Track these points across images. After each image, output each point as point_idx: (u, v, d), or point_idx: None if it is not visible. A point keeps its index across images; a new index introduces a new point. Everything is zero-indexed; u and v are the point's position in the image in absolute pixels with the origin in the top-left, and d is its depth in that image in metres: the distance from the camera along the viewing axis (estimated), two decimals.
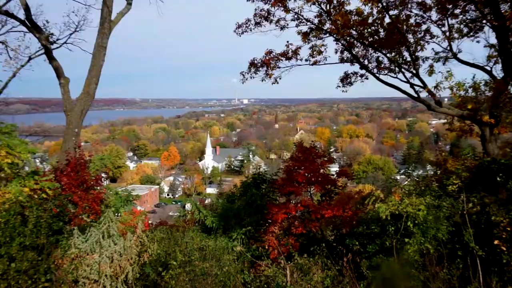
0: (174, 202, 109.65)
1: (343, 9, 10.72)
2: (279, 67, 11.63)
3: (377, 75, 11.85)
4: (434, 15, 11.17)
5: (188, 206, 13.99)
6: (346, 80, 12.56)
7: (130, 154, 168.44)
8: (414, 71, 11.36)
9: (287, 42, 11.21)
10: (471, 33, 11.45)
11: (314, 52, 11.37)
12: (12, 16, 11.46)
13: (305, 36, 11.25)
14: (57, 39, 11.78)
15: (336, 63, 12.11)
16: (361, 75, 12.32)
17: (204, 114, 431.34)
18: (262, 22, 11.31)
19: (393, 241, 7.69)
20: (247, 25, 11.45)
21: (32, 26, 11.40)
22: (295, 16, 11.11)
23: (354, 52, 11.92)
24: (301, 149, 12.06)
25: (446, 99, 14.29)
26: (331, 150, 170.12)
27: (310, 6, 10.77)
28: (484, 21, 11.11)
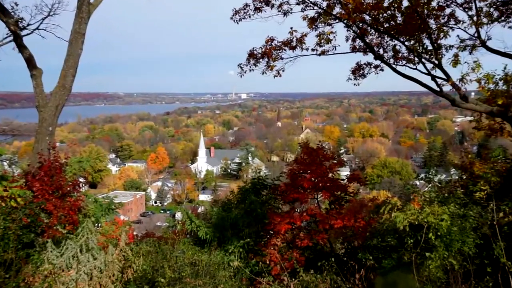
0: (162, 211, 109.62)
1: None
2: (281, 58, 11.59)
3: (394, 66, 11.83)
4: None
5: (178, 215, 13.95)
6: (358, 71, 12.53)
7: (112, 156, 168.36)
8: (436, 62, 11.33)
9: (291, 28, 11.18)
10: (503, 18, 11.40)
11: (322, 41, 11.33)
12: None
13: (311, 22, 11.21)
14: (28, 24, 11.72)
15: (347, 52, 12.08)
16: (376, 66, 12.29)
17: (196, 111, 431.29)
18: (263, 7, 11.28)
19: (412, 255, 7.67)
20: (245, 11, 11.42)
21: None
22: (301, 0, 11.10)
23: (367, 40, 11.89)
24: (307, 150, 12.08)
25: (473, 94, 14.28)
26: (341, 152, 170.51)
27: None
28: None
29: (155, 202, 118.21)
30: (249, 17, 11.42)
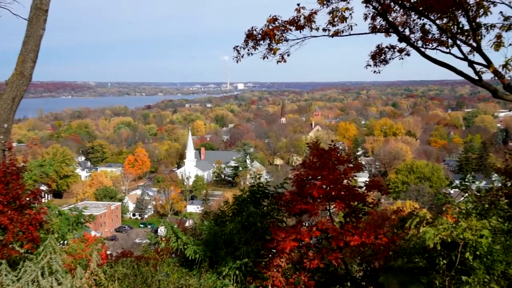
0: (142, 225, 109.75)
1: None
2: (286, 40, 11.57)
3: (423, 49, 11.82)
4: None
5: (161, 230, 13.95)
6: (379, 56, 12.52)
7: (82, 158, 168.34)
8: (475, 44, 11.31)
9: (298, 5, 11.17)
10: None
11: (335, 19, 11.31)
12: None
13: None
14: None
15: (365, 33, 12.05)
16: (400, 50, 12.27)
17: (184, 104, 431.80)
18: None
19: (445, 279, 7.67)
20: None
21: None
22: None
23: (390, 19, 11.89)
24: (317, 152, 12.08)
25: None
26: (358, 153, 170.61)
27: None
28: None
29: (134, 215, 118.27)
30: None
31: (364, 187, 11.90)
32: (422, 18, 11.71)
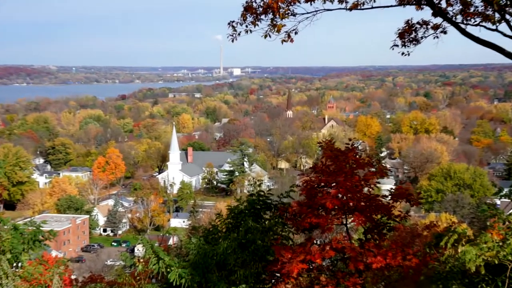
0: (115, 243, 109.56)
1: None
2: (294, 14, 11.55)
3: (463, 26, 11.80)
4: None
5: (139, 249, 13.92)
6: (408, 34, 12.50)
7: (40, 161, 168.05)
8: None
9: None
10: None
11: None
12: None
13: None
14: None
15: (391, 6, 12.01)
16: (435, 27, 12.26)
17: (166, 94, 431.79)
18: None
19: None
20: None
21: None
22: None
23: None
24: (332, 153, 12.11)
25: None
26: (382, 155, 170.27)
27: None
28: None
29: (105, 230, 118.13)
30: None
31: (389, 196, 11.94)
32: None
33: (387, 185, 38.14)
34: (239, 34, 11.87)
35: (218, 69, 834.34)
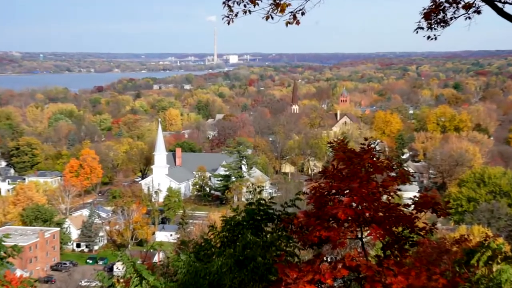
0: (90, 261, 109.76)
1: None
2: None
3: (500, 4, 11.71)
4: None
5: (118, 267, 13.81)
6: (435, 15, 12.45)
7: (2, 164, 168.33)
8: None
9: None
10: None
11: None
12: None
13: None
14: None
15: None
16: (467, 6, 12.20)
17: (151, 85, 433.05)
18: None
19: None
20: None
21: None
22: None
23: None
24: (345, 155, 12.09)
25: None
26: (403, 157, 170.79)
27: None
28: None
29: (78, 246, 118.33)
30: None
31: (413, 205, 11.89)
32: None
33: (409, 193, 38.27)
34: (236, 15, 11.85)
35: (211, 56, 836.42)
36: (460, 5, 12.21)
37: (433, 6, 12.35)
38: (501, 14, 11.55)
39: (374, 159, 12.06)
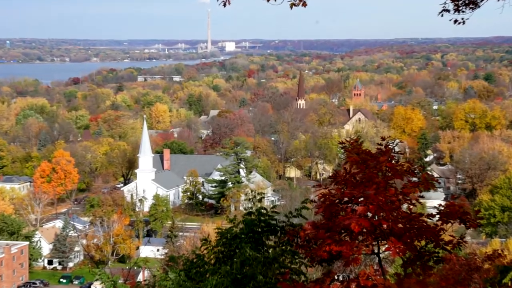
0: (64, 280, 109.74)
1: None
2: None
3: None
4: None
5: (96, 287, 13.84)
6: None
7: None
8: None
9: None
10: None
11: None
12: None
13: None
14: None
15: None
16: None
17: (135, 76, 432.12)
18: None
19: None
20: None
21: None
22: None
23: None
24: (359, 157, 12.17)
25: None
26: (427, 160, 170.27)
27: None
28: None
29: (50, 262, 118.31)
30: None
31: (438, 215, 11.95)
32: None
33: (434, 201, 38.40)
34: None
35: (204, 43, 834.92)
36: None
37: None
38: None
39: (393, 162, 12.08)
